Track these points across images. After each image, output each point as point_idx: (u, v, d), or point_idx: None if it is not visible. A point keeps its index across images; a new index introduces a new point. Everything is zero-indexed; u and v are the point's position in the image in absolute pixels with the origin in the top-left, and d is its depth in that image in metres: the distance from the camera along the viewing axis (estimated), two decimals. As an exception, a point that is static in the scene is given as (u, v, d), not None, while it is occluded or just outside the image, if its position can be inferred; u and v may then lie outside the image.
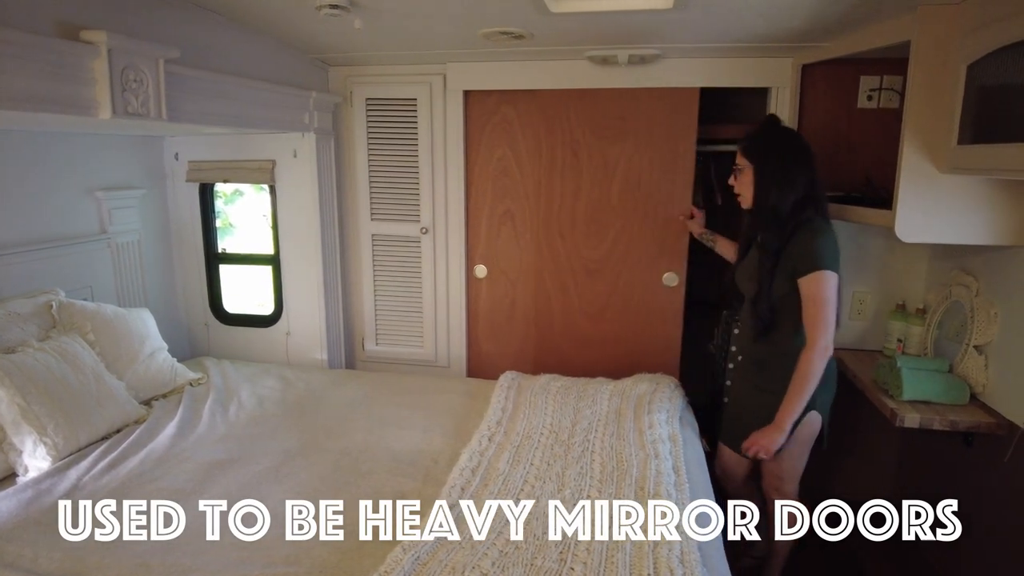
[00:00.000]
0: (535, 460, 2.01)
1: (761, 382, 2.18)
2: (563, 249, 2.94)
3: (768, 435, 2.02)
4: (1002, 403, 2.10)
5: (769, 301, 2.06)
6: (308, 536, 1.66)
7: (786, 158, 2.04)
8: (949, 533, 1.82)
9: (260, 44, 2.51)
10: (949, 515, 1.82)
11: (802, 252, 1.98)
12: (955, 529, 1.82)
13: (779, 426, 2.01)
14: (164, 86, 1.90)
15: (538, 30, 2.30)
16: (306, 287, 3.02)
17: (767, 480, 2.30)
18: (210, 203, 3.14)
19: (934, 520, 1.82)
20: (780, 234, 2.03)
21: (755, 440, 2.05)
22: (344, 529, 1.69)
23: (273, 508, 1.80)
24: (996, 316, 2.14)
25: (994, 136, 1.70)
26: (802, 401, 1.98)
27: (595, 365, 2.93)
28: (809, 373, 1.96)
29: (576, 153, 2.84)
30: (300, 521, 1.70)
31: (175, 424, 2.30)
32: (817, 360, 1.95)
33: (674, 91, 2.71)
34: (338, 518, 1.72)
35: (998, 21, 1.66)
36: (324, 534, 1.67)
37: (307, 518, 1.70)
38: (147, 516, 1.72)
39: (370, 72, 2.95)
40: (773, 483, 2.28)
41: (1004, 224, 2.00)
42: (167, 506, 1.75)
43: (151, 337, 2.63)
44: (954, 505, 1.82)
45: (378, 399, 2.59)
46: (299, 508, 1.72)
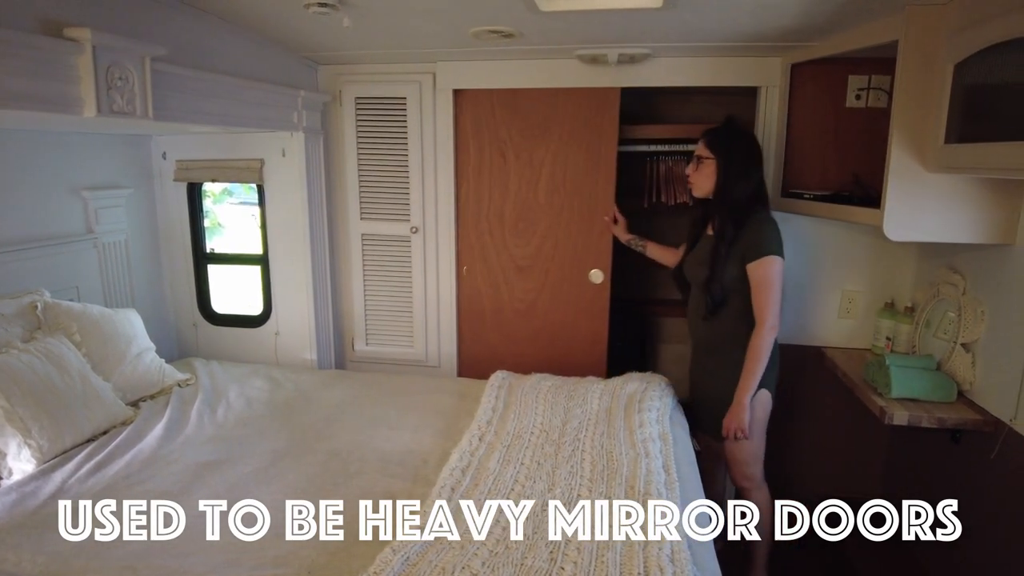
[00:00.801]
0: (525, 460, 2.00)
1: (706, 364, 2.39)
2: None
3: (734, 415, 2.23)
4: (989, 400, 2.11)
5: (721, 283, 2.23)
6: (296, 537, 1.65)
7: (746, 155, 2.26)
8: (949, 533, 1.83)
9: (248, 42, 2.49)
10: (949, 515, 1.83)
11: (752, 240, 2.17)
12: (955, 529, 1.83)
13: (740, 403, 2.22)
14: (150, 84, 1.88)
15: (528, 29, 2.30)
16: (295, 287, 3.00)
17: (735, 469, 2.40)
18: (198, 202, 3.12)
19: (933, 520, 1.83)
20: (736, 223, 2.21)
21: (727, 426, 2.25)
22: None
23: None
24: (983, 314, 2.16)
25: (980, 135, 1.72)
26: (756, 377, 2.20)
27: (528, 360, 2.95)
28: (760, 350, 2.17)
29: (504, 153, 2.87)
30: (300, 521, 1.69)
31: (163, 425, 2.28)
32: (767, 338, 2.17)
33: (594, 91, 2.73)
34: (336, 518, 1.72)
35: (984, 21, 1.67)
36: (312, 535, 1.66)
37: (306, 518, 1.70)
38: (135, 518, 1.70)
39: (360, 71, 2.93)
40: (740, 470, 2.38)
41: (990, 222, 2.02)
42: (157, 507, 1.74)
43: (138, 338, 2.61)
44: (954, 505, 1.83)
45: (367, 399, 2.57)
46: (298, 508, 1.72)
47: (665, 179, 3.00)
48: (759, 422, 2.31)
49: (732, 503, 2.12)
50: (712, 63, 2.66)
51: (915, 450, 2.62)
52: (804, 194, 2.51)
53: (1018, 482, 1.95)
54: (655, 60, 2.68)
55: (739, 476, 2.40)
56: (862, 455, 2.93)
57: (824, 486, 3.01)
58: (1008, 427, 1.99)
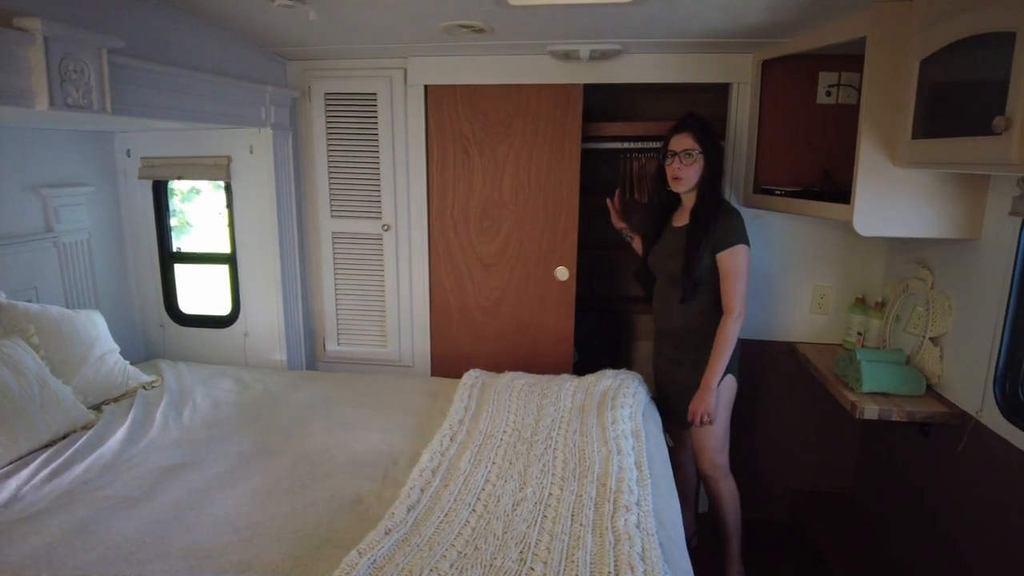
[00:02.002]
0: (497, 459, 1.98)
1: (673, 354, 2.43)
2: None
3: (701, 399, 2.31)
4: (956, 393, 2.13)
5: (692, 270, 2.27)
6: (261, 541, 1.61)
7: (722, 150, 2.40)
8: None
9: (213, 36, 2.44)
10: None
11: (724, 230, 2.24)
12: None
13: (708, 386, 2.29)
14: (108, 77, 1.82)
15: (499, 24, 2.27)
16: (264, 286, 2.95)
17: (702, 456, 2.43)
18: (164, 201, 3.04)
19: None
20: (715, 214, 2.27)
21: (694, 410, 2.32)
22: (298, 533, 1.64)
23: (226, 513, 1.75)
24: (951, 308, 2.18)
25: (945, 131, 1.72)
26: (724, 363, 2.27)
27: (494, 358, 2.94)
28: (729, 336, 2.25)
29: (467, 150, 2.84)
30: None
31: (125, 429, 2.21)
32: (735, 324, 2.24)
33: (558, 87, 2.72)
34: (302, 521, 1.68)
35: (948, 18, 1.68)
36: (277, 539, 1.62)
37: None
38: (91, 525, 1.65)
39: (329, 66, 2.89)
40: (708, 456, 2.41)
41: (956, 217, 2.04)
42: (113, 514, 1.69)
43: (101, 339, 2.54)
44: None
45: (338, 400, 2.53)
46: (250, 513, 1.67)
47: (639, 175, 3.00)
48: (725, 406, 2.38)
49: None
50: (684, 59, 2.66)
51: (886, 443, 2.65)
52: (775, 190, 2.52)
53: (984, 473, 1.97)
54: (627, 56, 2.67)
55: (706, 464, 2.42)
56: (834, 449, 2.96)
57: (797, 480, 3.04)
58: (975, 419, 2.01)
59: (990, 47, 1.50)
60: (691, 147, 2.27)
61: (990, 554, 1.93)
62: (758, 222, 2.72)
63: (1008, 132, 1.41)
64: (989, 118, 1.45)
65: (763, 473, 3.05)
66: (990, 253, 1.99)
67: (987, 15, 1.51)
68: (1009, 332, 1.89)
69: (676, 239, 2.35)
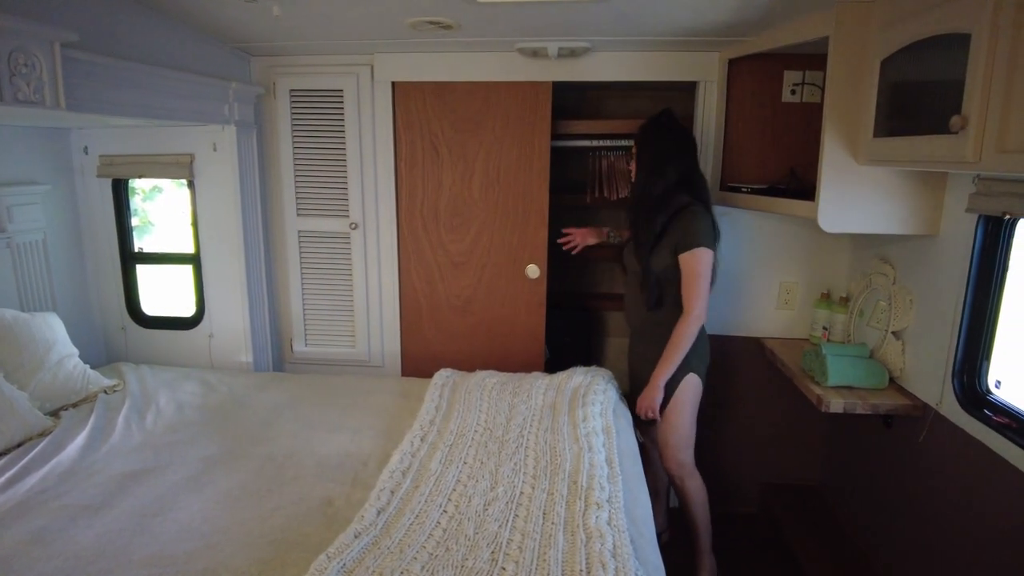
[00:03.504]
0: (468, 459, 1.97)
1: (643, 351, 2.43)
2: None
3: (646, 395, 2.32)
4: (917, 386, 2.18)
5: (650, 274, 2.27)
6: (227, 547, 1.57)
7: (661, 148, 2.28)
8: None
9: (173, 30, 2.37)
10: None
11: (683, 232, 2.20)
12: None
13: (654, 383, 2.29)
14: (61, 72, 1.76)
15: (467, 20, 2.25)
16: (229, 287, 2.88)
17: (666, 454, 2.43)
18: (125, 200, 2.96)
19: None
20: (649, 214, 2.25)
21: (639, 405, 2.34)
22: (265, 538, 1.61)
23: (191, 519, 1.71)
24: (912, 303, 2.23)
25: (905, 129, 1.76)
26: (674, 363, 2.26)
27: (466, 357, 2.93)
28: (682, 336, 2.23)
29: (436, 147, 2.83)
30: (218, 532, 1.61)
31: (85, 435, 2.15)
32: (691, 326, 2.22)
33: (527, 85, 2.72)
34: (269, 525, 1.65)
35: (906, 19, 1.72)
36: (244, 544, 1.58)
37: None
38: (48, 535, 1.60)
39: (294, 63, 2.83)
40: (671, 455, 2.42)
41: (916, 214, 2.09)
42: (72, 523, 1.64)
43: (59, 343, 2.46)
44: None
45: (306, 402, 2.49)
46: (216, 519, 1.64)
47: (607, 174, 3.00)
48: (690, 405, 2.36)
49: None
50: (652, 58, 2.67)
51: (851, 436, 2.70)
52: (742, 187, 2.55)
53: (943, 462, 2.02)
54: (595, 54, 2.67)
55: (671, 463, 2.43)
56: (801, 442, 3.01)
57: (765, 473, 3.09)
58: (935, 411, 2.06)
59: (947, 48, 1.53)
60: (632, 147, 2.33)
61: (951, 540, 1.98)
62: (726, 218, 2.74)
63: (964, 131, 1.45)
64: (946, 117, 1.48)
65: (732, 467, 3.09)
66: (948, 249, 2.04)
67: (943, 17, 1.55)
68: (966, 326, 1.94)
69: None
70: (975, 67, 1.42)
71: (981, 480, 1.84)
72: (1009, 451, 1.71)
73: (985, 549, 1.82)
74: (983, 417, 1.84)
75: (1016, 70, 1.33)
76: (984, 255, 1.89)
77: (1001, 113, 1.37)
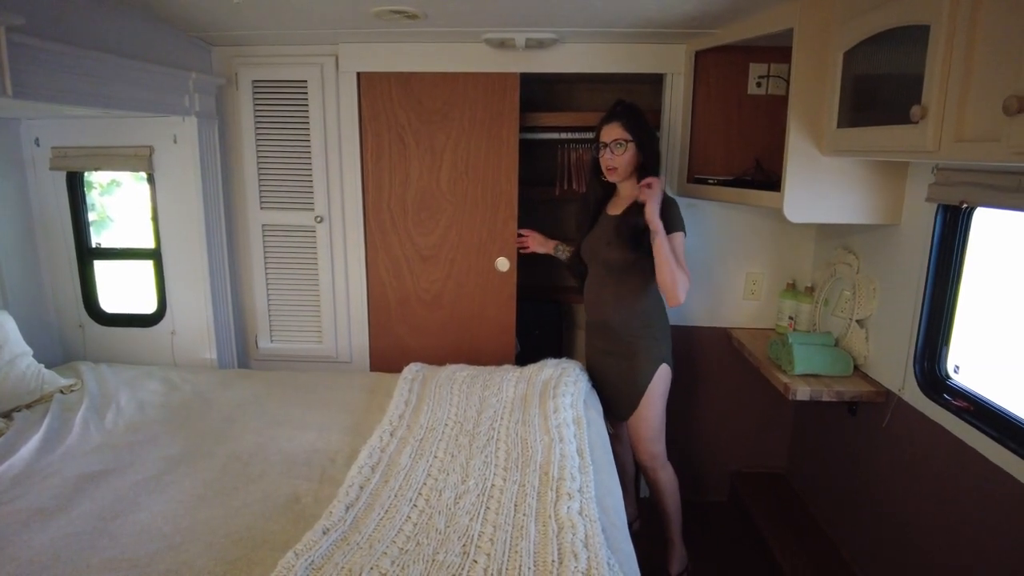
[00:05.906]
0: (439, 452, 1.95)
1: (611, 346, 2.42)
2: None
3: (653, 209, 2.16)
4: (881, 373, 2.23)
5: (637, 253, 2.26)
6: (191, 547, 1.53)
7: (656, 139, 2.39)
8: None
9: (129, 18, 2.29)
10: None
11: (669, 217, 2.22)
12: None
13: (657, 227, 2.16)
14: (7, 58, 1.68)
15: (432, 10, 2.22)
16: (191, 283, 2.81)
17: (639, 447, 2.45)
18: (81, 194, 2.86)
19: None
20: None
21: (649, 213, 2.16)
22: (231, 537, 1.57)
23: (153, 520, 1.66)
24: (875, 291, 2.27)
25: (868, 119, 1.79)
26: (665, 253, 2.14)
27: (436, 351, 2.92)
28: (675, 269, 2.15)
29: (403, 139, 2.79)
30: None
31: (39, 437, 2.07)
32: (685, 282, 2.17)
33: (494, 76, 2.70)
34: (235, 524, 1.61)
35: (867, 11, 1.74)
36: (208, 544, 1.54)
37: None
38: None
39: (257, 53, 2.77)
40: (644, 448, 2.44)
41: (878, 204, 2.13)
42: (25, 528, 1.57)
43: (10, 342, 2.37)
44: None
45: (271, 399, 2.44)
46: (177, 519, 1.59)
47: (576, 166, 3.00)
48: (660, 396, 2.38)
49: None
50: (619, 50, 2.67)
51: (818, 423, 2.75)
52: (709, 179, 2.57)
53: (906, 446, 2.07)
54: (562, 46, 2.66)
55: (644, 455, 2.45)
56: (769, 431, 3.06)
57: (735, 462, 3.13)
58: (897, 397, 2.10)
59: (907, 39, 1.56)
60: (621, 136, 2.27)
61: (915, 522, 2.03)
62: (693, 210, 2.77)
63: (924, 121, 1.48)
64: (907, 107, 1.51)
65: (701, 457, 3.13)
66: (909, 238, 2.08)
67: (903, 9, 1.57)
68: (927, 313, 1.98)
69: (612, 227, 2.34)
70: (934, 58, 1.44)
71: (942, 463, 1.88)
72: (968, 434, 1.76)
73: (948, 530, 1.87)
74: (943, 402, 1.88)
75: (973, 61, 1.36)
76: (943, 243, 1.93)
77: (959, 103, 1.39)
